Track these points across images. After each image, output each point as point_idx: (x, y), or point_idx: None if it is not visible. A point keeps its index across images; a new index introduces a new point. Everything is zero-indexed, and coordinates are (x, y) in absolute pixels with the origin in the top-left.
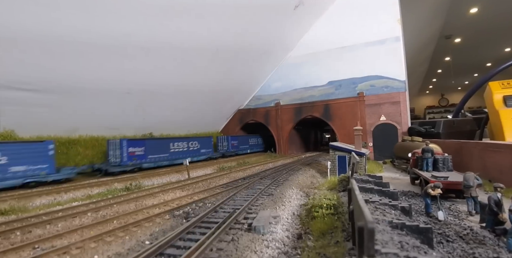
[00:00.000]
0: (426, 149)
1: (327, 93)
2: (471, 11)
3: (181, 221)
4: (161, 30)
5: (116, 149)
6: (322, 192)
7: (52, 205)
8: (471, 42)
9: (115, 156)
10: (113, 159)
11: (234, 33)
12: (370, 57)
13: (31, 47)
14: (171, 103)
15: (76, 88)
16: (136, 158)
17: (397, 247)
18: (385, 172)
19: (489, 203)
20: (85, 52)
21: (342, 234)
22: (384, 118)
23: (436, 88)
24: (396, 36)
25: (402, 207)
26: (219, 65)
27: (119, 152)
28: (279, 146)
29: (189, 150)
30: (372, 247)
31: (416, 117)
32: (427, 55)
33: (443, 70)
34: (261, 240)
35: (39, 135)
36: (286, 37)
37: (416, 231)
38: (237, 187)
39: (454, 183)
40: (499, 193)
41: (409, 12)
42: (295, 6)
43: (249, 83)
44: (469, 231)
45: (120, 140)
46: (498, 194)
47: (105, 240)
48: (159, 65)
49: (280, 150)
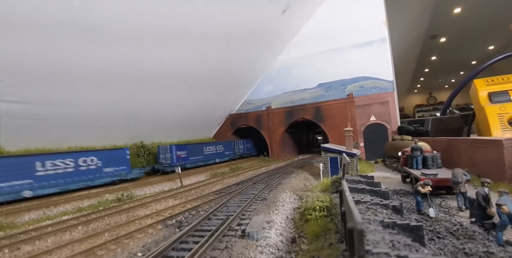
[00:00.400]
0: (415, 148)
1: (317, 95)
2: (455, 11)
3: (174, 231)
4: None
5: (166, 152)
6: (315, 195)
7: (42, 219)
8: (456, 41)
9: (165, 159)
10: (164, 161)
11: (225, 37)
12: (358, 59)
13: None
14: (161, 110)
15: (63, 100)
16: (182, 159)
17: (389, 246)
18: (377, 172)
19: (477, 198)
20: (71, 70)
21: (335, 236)
22: (374, 118)
23: (424, 87)
24: (382, 38)
25: (393, 206)
26: (208, 73)
27: (169, 155)
28: (271, 150)
29: (217, 153)
30: (362, 248)
31: (405, 116)
32: (414, 55)
33: (430, 69)
34: (255, 246)
35: (27, 148)
36: (274, 41)
37: (407, 230)
38: (230, 193)
39: (443, 180)
40: (487, 188)
41: (395, 14)
42: (283, 10)
43: (239, 88)
44: (459, 227)
45: (170, 146)
46: (486, 189)
47: (96, 254)
48: (149, 65)
49: (273, 154)
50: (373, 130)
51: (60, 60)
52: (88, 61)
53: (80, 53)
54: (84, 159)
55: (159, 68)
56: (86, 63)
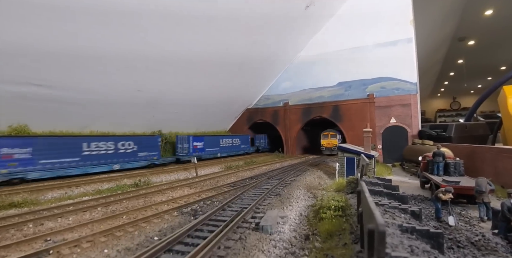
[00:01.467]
0: (437, 153)
1: (336, 94)
2: (486, 13)
3: (189, 218)
4: (172, 40)
5: (184, 143)
6: (330, 194)
7: (63, 199)
8: (485, 44)
9: (183, 149)
10: (181, 151)
11: (245, 35)
12: (381, 59)
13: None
14: (180, 101)
15: (89, 87)
16: (198, 150)
17: (407, 251)
18: (394, 175)
19: (502, 209)
20: (97, 56)
21: (350, 236)
22: (394, 121)
23: (448, 91)
24: (408, 38)
25: (412, 211)
26: (228, 66)
27: (187, 146)
28: (286, 146)
29: (233, 146)
30: (382, 250)
31: (426, 120)
32: (440, 57)
33: (456, 72)
34: (269, 239)
35: (51, 130)
36: (296, 38)
37: (427, 236)
38: (245, 186)
39: (466, 188)
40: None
41: (422, 14)
42: (306, 6)
43: (258, 83)
44: (481, 237)
45: (188, 136)
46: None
47: (115, 234)
48: (169, 66)
49: (288, 151)
50: (392, 133)
51: (88, 46)
52: (115, 48)
53: (108, 39)
54: (123, 143)
55: (180, 57)
56: (113, 49)
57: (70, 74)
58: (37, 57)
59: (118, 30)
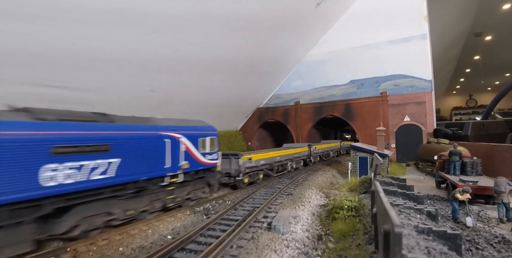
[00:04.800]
0: (454, 152)
1: (348, 92)
2: (504, 7)
3: (201, 217)
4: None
5: None
6: (342, 194)
7: None
8: (503, 40)
9: None
10: None
11: (255, 34)
12: (395, 56)
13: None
14: (192, 101)
15: (103, 87)
16: None
17: (424, 252)
18: (409, 175)
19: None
20: (111, 57)
21: (363, 237)
22: (408, 119)
23: (464, 88)
24: (422, 34)
25: (428, 212)
26: (239, 65)
27: None
28: None
29: None
30: (399, 251)
31: (441, 118)
32: (455, 53)
33: (472, 69)
34: (281, 239)
35: None
36: (307, 35)
37: (444, 237)
38: (256, 186)
39: (484, 188)
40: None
41: (437, 9)
42: (317, 4)
43: (268, 82)
44: (501, 239)
45: None
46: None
47: (130, 233)
48: (180, 66)
49: None
50: (406, 131)
51: (102, 47)
52: (128, 49)
53: (122, 41)
54: None
55: (191, 58)
56: (127, 50)
57: (84, 75)
58: (52, 59)
59: (131, 32)
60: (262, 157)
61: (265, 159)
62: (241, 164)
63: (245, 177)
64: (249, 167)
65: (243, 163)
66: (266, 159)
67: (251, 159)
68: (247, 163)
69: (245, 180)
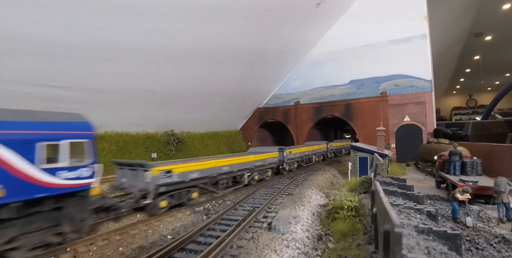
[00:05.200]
0: (454, 152)
1: (348, 92)
2: (503, 7)
3: (201, 217)
4: (183, 33)
5: None
6: (342, 194)
7: None
8: (503, 40)
9: None
10: None
11: (255, 32)
12: (395, 56)
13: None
14: (191, 101)
15: (103, 87)
16: None
17: (424, 252)
18: (409, 175)
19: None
20: (111, 56)
21: (364, 237)
22: (408, 119)
23: (464, 88)
24: (422, 34)
25: (428, 212)
26: (238, 64)
27: None
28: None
29: None
30: (399, 251)
31: (441, 118)
32: (455, 53)
33: (472, 69)
34: (281, 239)
35: None
36: (307, 35)
37: (444, 237)
38: (256, 186)
39: (484, 188)
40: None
41: (437, 9)
42: (317, 4)
43: (268, 82)
44: (501, 239)
45: None
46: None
47: (130, 233)
48: (180, 65)
49: None
50: (406, 131)
51: (103, 47)
52: (130, 47)
53: (122, 40)
54: None
55: (192, 50)
56: (128, 49)
57: (84, 75)
58: (53, 58)
59: (131, 30)
60: (192, 168)
61: (199, 170)
62: (149, 180)
63: (162, 199)
64: (166, 184)
65: (153, 178)
66: (202, 171)
67: (171, 171)
68: (164, 178)
69: (161, 203)
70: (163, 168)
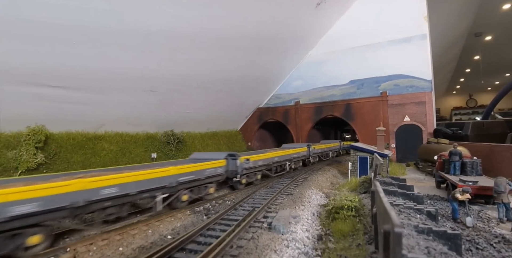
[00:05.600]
0: (454, 152)
1: (348, 92)
2: (503, 7)
3: (201, 217)
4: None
5: None
6: (342, 194)
7: None
8: (503, 40)
9: None
10: None
11: (254, 31)
12: (395, 56)
13: (65, 46)
14: (191, 101)
15: (103, 86)
16: None
17: (424, 252)
18: (409, 175)
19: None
20: (112, 53)
21: (364, 237)
22: (408, 119)
23: (464, 88)
24: (422, 34)
25: (428, 212)
26: (238, 64)
27: None
28: None
29: None
30: (399, 251)
31: (441, 118)
32: (455, 53)
33: (472, 69)
34: (281, 239)
35: (68, 130)
36: (307, 35)
37: (444, 237)
38: (256, 186)
39: (484, 188)
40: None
41: (437, 9)
42: (317, 4)
43: (268, 82)
44: (501, 239)
45: None
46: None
47: (130, 233)
48: (181, 64)
49: None
50: (406, 131)
51: (100, 43)
52: (129, 46)
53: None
54: None
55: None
56: (128, 45)
57: (85, 75)
58: (53, 59)
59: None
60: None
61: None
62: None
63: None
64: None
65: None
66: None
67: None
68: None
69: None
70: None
